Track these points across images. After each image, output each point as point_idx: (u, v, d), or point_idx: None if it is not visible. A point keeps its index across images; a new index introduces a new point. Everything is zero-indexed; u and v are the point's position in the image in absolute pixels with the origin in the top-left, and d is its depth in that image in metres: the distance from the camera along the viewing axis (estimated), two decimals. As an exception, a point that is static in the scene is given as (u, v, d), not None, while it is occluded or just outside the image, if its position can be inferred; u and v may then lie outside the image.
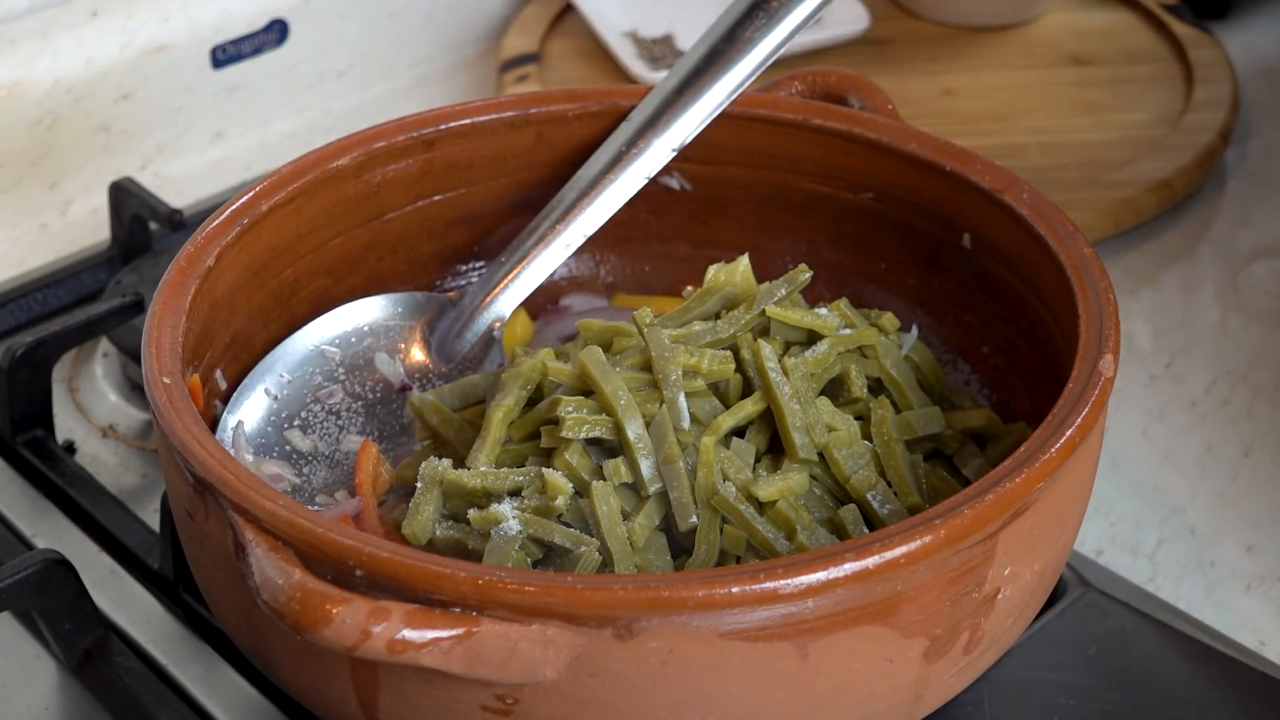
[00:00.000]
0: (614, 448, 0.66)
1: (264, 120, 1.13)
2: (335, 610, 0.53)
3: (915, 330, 0.75)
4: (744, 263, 0.72)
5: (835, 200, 0.78)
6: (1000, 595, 0.60)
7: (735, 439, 0.67)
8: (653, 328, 0.69)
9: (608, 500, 0.64)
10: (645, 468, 0.65)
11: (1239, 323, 0.95)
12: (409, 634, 0.53)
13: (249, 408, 0.72)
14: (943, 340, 0.77)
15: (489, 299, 0.77)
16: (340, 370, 0.75)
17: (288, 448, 0.73)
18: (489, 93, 1.17)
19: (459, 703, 0.57)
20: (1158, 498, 0.84)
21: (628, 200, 0.76)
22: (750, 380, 0.68)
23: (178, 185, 1.07)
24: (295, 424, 0.73)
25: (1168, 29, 1.16)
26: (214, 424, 0.71)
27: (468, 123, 0.78)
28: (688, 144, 0.76)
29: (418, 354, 0.77)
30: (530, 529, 0.64)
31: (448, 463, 0.67)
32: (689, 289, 0.73)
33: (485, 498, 0.65)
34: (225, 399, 0.72)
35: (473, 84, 1.19)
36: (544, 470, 0.65)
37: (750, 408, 0.67)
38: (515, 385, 0.69)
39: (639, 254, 0.83)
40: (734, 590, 0.54)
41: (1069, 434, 0.59)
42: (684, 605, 0.54)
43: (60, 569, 0.70)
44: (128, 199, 0.95)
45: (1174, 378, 0.91)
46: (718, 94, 0.76)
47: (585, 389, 0.67)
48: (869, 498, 0.65)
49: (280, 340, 0.75)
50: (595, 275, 0.83)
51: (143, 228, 0.95)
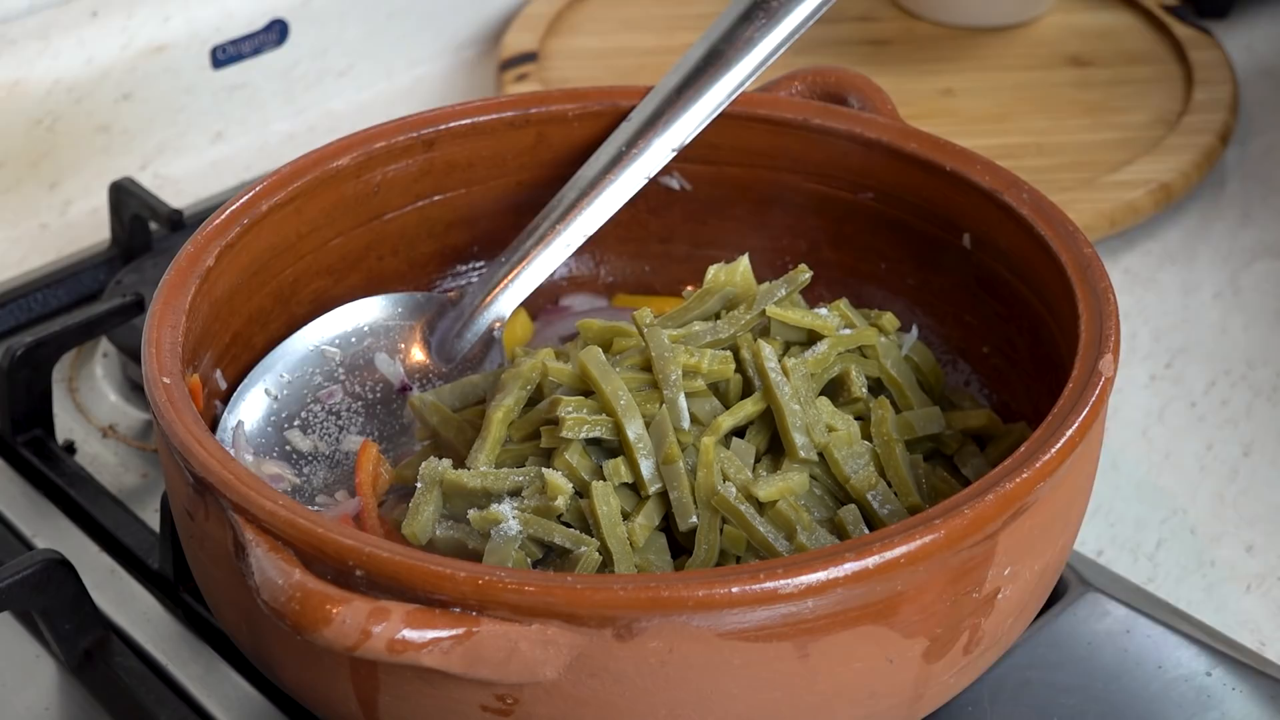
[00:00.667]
0: (614, 448, 0.66)
1: (264, 120, 1.13)
2: (335, 610, 0.53)
3: (915, 330, 0.75)
4: (744, 263, 0.72)
5: (835, 200, 0.78)
6: (1000, 595, 0.60)
7: (735, 439, 0.67)
8: (653, 328, 0.69)
9: (608, 500, 0.64)
10: (645, 468, 0.65)
11: (1239, 323, 0.95)
12: (409, 634, 0.53)
13: (249, 408, 0.72)
14: (943, 340, 0.77)
15: (489, 299, 0.77)
16: (340, 370, 0.75)
17: (288, 448, 0.73)
18: (489, 93, 1.17)
19: (459, 703, 0.57)
20: (1158, 498, 0.84)
21: (628, 200, 0.76)
22: (750, 380, 0.68)
23: (178, 185, 1.07)
24: (295, 424, 0.73)
25: (1168, 30, 1.16)
26: (214, 424, 0.71)
27: (468, 123, 0.78)
28: (688, 144, 0.76)
29: (418, 354, 0.77)
30: (530, 529, 0.64)
31: (448, 463, 0.67)
32: (689, 289, 0.73)
33: (485, 498, 0.65)
34: (225, 399, 0.72)
35: (473, 84, 1.19)
36: (544, 470, 0.65)
37: (750, 408, 0.67)
38: (515, 385, 0.69)
39: (639, 254, 0.83)
40: (734, 590, 0.54)
41: (1069, 434, 0.59)
42: (684, 605, 0.54)
43: (60, 569, 0.70)
44: (128, 199, 0.95)
45: (1174, 378, 0.91)
46: (718, 94, 0.76)
47: (585, 389, 0.67)
48: (869, 498, 0.65)
49: (280, 340, 0.75)
50: (595, 275, 0.83)
51: (143, 228, 0.95)
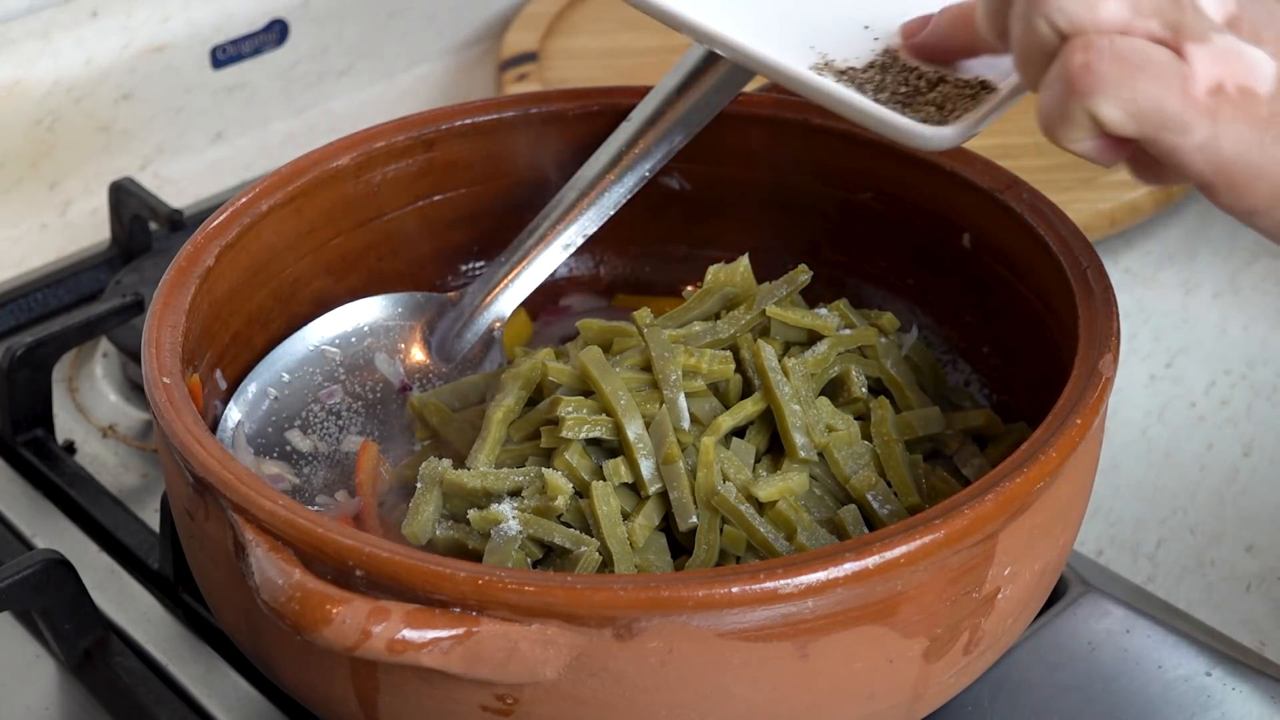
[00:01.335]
0: (614, 448, 0.66)
1: (264, 120, 1.13)
2: (335, 610, 0.53)
3: (915, 330, 0.75)
4: (744, 263, 0.72)
5: (835, 200, 0.78)
6: (1000, 595, 0.60)
7: (735, 439, 0.67)
8: (653, 328, 0.69)
9: (608, 500, 0.64)
10: (645, 468, 0.65)
11: (1239, 323, 0.95)
12: (409, 634, 0.53)
13: (249, 408, 0.72)
14: (943, 340, 0.77)
15: (489, 299, 0.77)
16: (340, 370, 0.75)
17: (288, 448, 0.72)
18: (489, 93, 1.17)
19: (459, 703, 0.57)
20: (1158, 498, 0.84)
21: (628, 200, 0.76)
22: (750, 380, 0.68)
23: (178, 185, 1.07)
24: (295, 424, 0.73)
25: (1168, 29, 1.16)
26: (214, 424, 0.71)
27: (468, 123, 0.78)
28: (688, 144, 0.76)
29: (418, 354, 0.77)
30: (530, 529, 0.64)
31: (448, 463, 0.67)
32: (689, 289, 0.73)
33: (485, 498, 0.65)
34: (225, 399, 0.72)
35: (473, 84, 1.19)
36: (544, 470, 0.65)
37: (750, 408, 0.67)
38: (515, 385, 0.69)
39: (639, 254, 0.83)
40: (734, 590, 0.54)
41: (1069, 434, 0.59)
42: (684, 605, 0.54)
43: (60, 569, 0.70)
44: (128, 199, 0.95)
45: (1174, 378, 0.91)
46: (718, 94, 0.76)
47: (585, 389, 0.67)
48: (869, 498, 0.65)
49: (280, 340, 0.75)
50: (595, 275, 0.83)
51: (143, 228, 0.95)
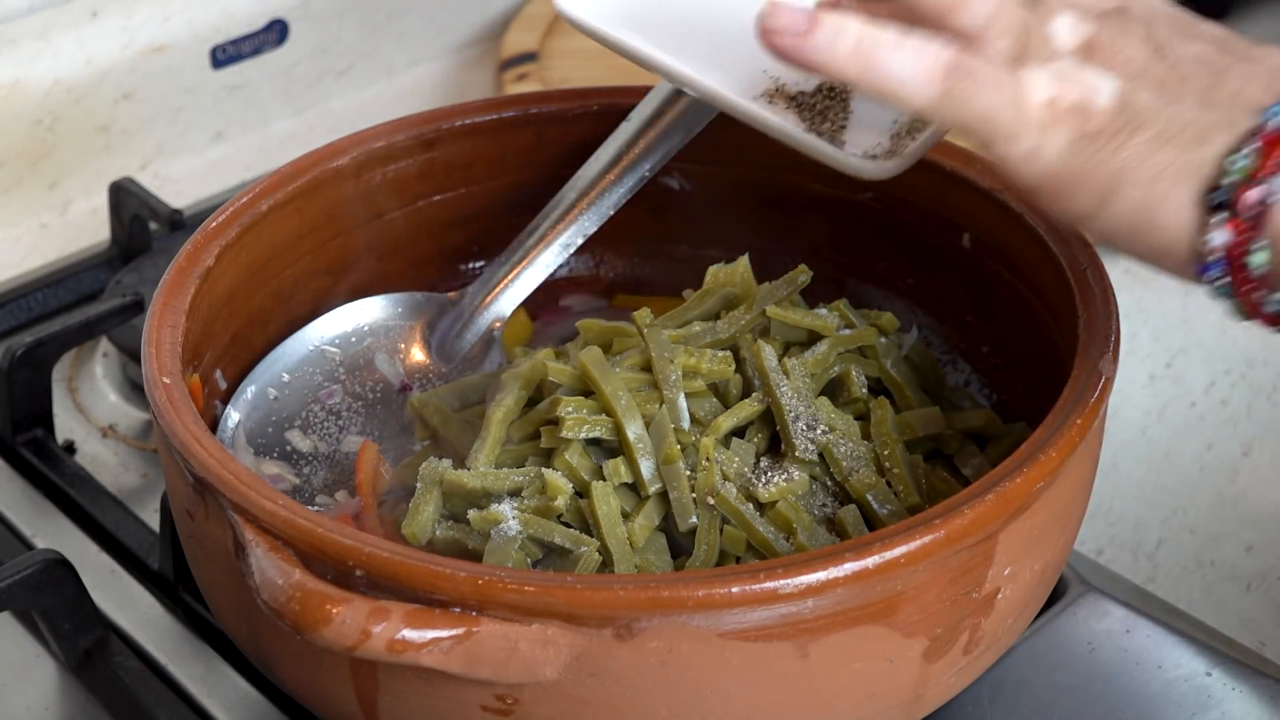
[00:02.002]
0: (614, 448, 0.66)
1: (264, 120, 1.13)
2: (335, 610, 0.53)
3: (915, 330, 0.75)
4: (744, 263, 0.72)
5: (835, 200, 0.78)
6: (1000, 595, 0.60)
7: (735, 439, 0.67)
8: (653, 328, 0.69)
9: (608, 500, 0.64)
10: (645, 468, 0.65)
11: (1239, 323, 0.95)
12: (409, 634, 0.53)
13: (249, 408, 0.72)
14: (943, 340, 0.77)
15: (489, 299, 0.77)
16: (340, 370, 0.75)
17: (288, 448, 0.73)
18: (489, 93, 1.16)
19: (459, 703, 0.57)
20: (1158, 498, 0.84)
21: (628, 200, 0.76)
22: (750, 380, 0.68)
23: (178, 185, 1.07)
24: (295, 424, 0.73)
25: (1168, 29, 1.16)
26: (214, 424, 0.71)
27: (468, 123, 0.78)
28: (688, 144, 0.76)
29: (418, 354, 0.77)
30: (530, 529, 0.64)
31: (448, 463, 0.67)
32: (689, 290, 0.73)
33: (485, 498, 0.65)
34: (225, 399, 0.72)
35: (473, 84, 1.19)
36: (544, 470, 0.65)
37: (750, 408, 0.67)
38: (515, 385, 0.69)
39: (639, 254, 0.83)
40: (734, 590, 0.54)
41: (1069, 434, 0.59)
42: (684, 605, 0.54)
43: (60, 569, 0.70)
44: (128, 199, 0.95)
45: (1174, 378, 0.91)
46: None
47: (585, 389, 0.67)
48: (869, 498, 0.65)
49: (280, 340, 0.75)
50: (595, 275, 0.83)
51: (143, 228, 0.95)
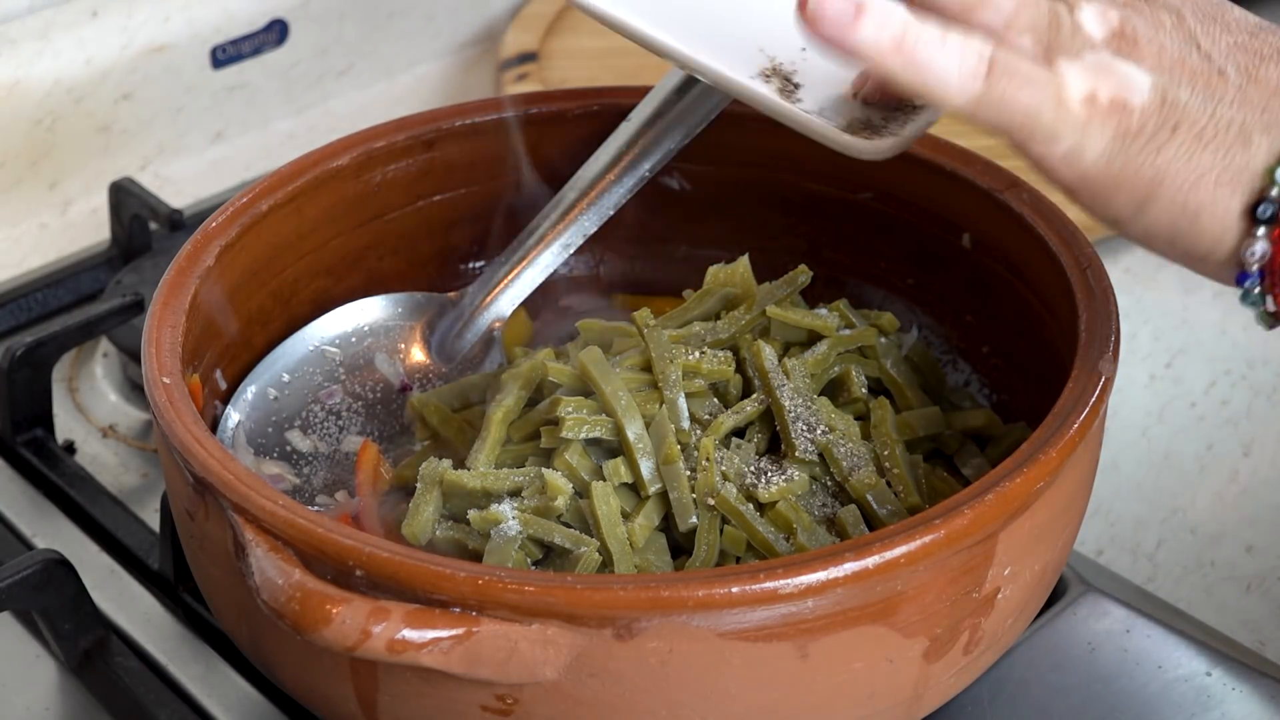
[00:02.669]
0: (614, 448, 0.66)
1: (264, 120, 1.13)
2: (335, 610, 0.53)
3: (915, 330, 0.75)
4: (744, 263, 0.72)
5: (835, 200, 0.78)
6: (1000, 595, 0.60)
7: (735, 439, 0.67)
8: (653, 328, 0.69)
9: (608, 500, 0.64)
10: (645, 468, 0.65)
11: (1239, 323, 0.95)
12: (409, 634, 0.53)
13: (249, 408, 0.72)
14: (943, 340, 0.77)
15: (489, 299, 0.77)
16: (340, 370, 0.75)
17: (288, 448, 0.73)
18: (489, 93, 1.16)
19: (459, 703, 0.57)
20: (1158, 498, 0.84)
21: (628, 200, 0.76)
22: (750, 380, 0.68)
23: (178, 185, 1.07)
24: (295, 424, 0.73)
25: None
26: (214, 424, 0.71)
27: (468, 123, 0.78)
28: (687, 144, 0.76)
29: (418, 354, 0.77)
30: (530, 529, 0.64)
31: (448, 463, 0.67)
32: (689, 290, 0.73)
33: (485, 498, 0.65)
34: (225, 399, 0.72)
35: (473, 84, 1.19)
36: (544, 470, 0.65)
37: (750, 408, 0.67)
38: (515, 385, 0.69)
39: (639, 254, 0.83)
40: (734, 590, 0.54)
41: (1069, 434, 0.59)
42: (684, 605, 0.54)
43: (60, 569, 0.70)
44: (128, 199, 0.95)
45: (1174, 378, 0.91)
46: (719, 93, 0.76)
47: (585, 389, 0.67)
48: (869, 498, 0.65)
49: (280, 340, 0.75)
50: (595, 275, 0.83)
51: (143, 228, 0.95)
